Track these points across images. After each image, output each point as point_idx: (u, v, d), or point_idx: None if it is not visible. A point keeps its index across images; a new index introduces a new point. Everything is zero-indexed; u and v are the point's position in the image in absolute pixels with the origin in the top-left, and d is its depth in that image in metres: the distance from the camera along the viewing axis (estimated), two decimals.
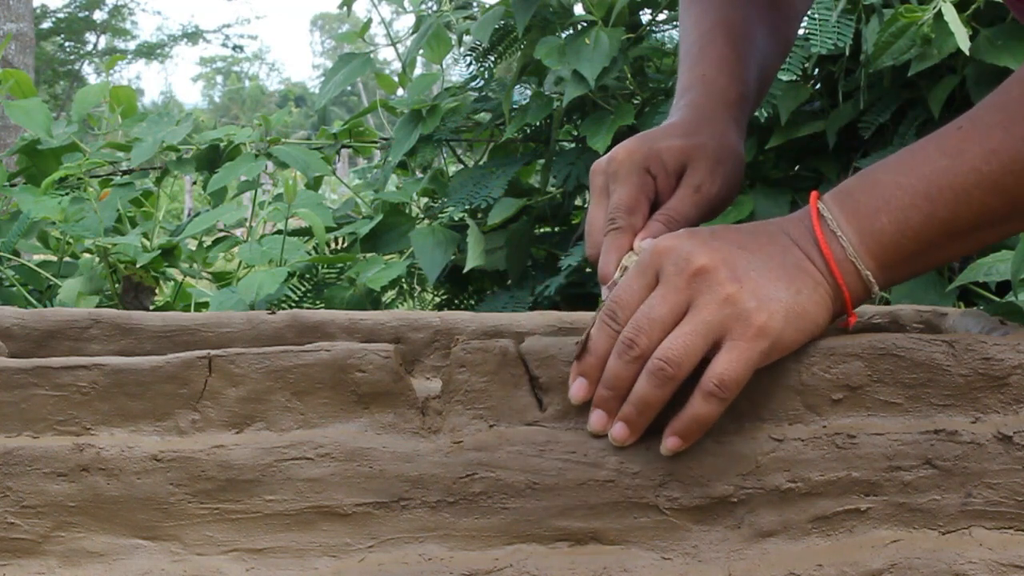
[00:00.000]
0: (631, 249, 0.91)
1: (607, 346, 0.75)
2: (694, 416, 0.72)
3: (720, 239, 0.76)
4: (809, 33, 1.87)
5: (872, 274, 0.77)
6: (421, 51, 2.37)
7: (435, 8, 2.41)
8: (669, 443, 0.73)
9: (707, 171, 0.96)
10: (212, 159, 2.45)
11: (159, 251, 2.19)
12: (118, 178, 2.52)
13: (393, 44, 2.49)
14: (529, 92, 2.30)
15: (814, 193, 0.79)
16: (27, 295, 2.25)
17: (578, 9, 2.18)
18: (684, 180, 0.96)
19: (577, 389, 0.75)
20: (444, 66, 2.45)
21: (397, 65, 2.49)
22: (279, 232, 2.13)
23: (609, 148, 2.00)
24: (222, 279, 2.32)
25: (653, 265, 0.75)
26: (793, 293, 0.74)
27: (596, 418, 0.75)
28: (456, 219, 2.18)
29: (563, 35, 2.11)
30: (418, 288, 2.48)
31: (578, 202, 2.32)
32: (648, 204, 0.94)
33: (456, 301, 2.35)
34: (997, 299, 1.71)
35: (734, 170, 0.99)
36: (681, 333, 0.73)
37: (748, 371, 0.72)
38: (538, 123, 2.27)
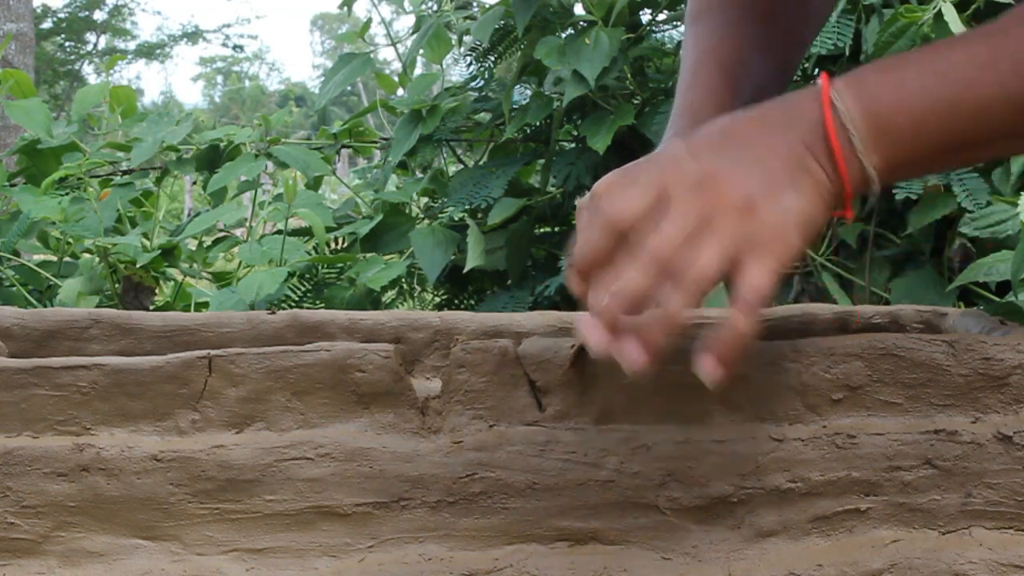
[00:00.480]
0: None
1: (603, 243, 0.70)
2: (732, 330, 0.69)
3: (719, 142, 0.73)
4: None
5: (876, 171, 0.74)
6: (421, 51, 2.37)
7: (435, 8, 2.41)
8: (708, 365, 0.68)
9: None
10: (212, 159, 2.45)
11: (159, 251, 2.19)
12: (118, 178, 2.52)
13: (393, 44, 2.49)
14: (529, 92, 2.30)
15: (824, 75, 0.75)
16: (27, 295, 2.25)
17: (578, 9, 2.18)
18: None
19: (595, 337, 0.69)
20: (444, 66, 2.45)
21: (397, 65, 2.49)
22: (279, 232, 2.14)
23: (609, 148, 2.01)
24: (222, 279, 2.32)
25: (657, 182, 0.71)
26: (800, 199, 0.72)
27: (595, 334, 0.69)
28: (456, 219, 2.18)
29: (563, 35, 2.11)
30: (418, 288, 2.48)
31: (578, 202, 2.32)
32: None
33: (456, 301, 2.35)
34: (997, 299, 1.71)
35: None
36: (707, 246, 0.69)
37: (772, 283, 0.70)
38: (538, 123, 2.27)
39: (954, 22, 1.65)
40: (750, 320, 0.69)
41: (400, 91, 2.53)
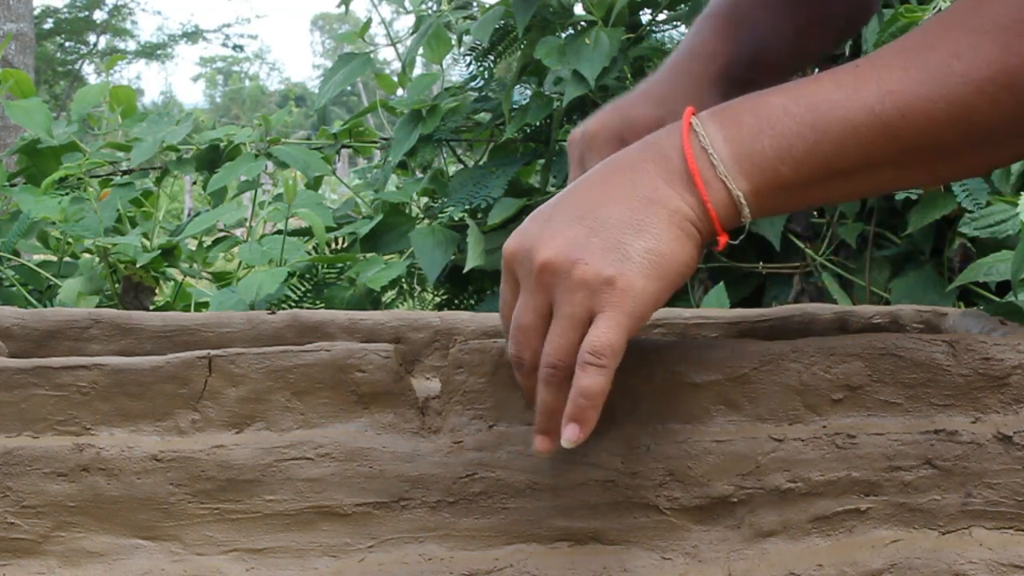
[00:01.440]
0: None
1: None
2: (579, 390, 0.70)
3: (560, 214, 0.73)
4: None
5: (744, 195, 0.73)
6: (421, 51, 2.37)
7: (435, 8, 2.41)
8: (567, 432, 0.70)
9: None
10: (212, 159, 2.45)
11: (159, 251, 2.19)
12: (118, 178, 2.52)
13: (393, 44, 2.49)
14: (529, 92, 2.30)
15: (689, 108, 0.75)
16: (27, 295, 2.25)
17: (578, 9, 2.18)
18: None
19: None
20: (444, 66, 2.45)
21: (397, 65, 2.49)
22: (279, 232, 2.13)
23: None
24: (222, 279, 2.32)
25: (509, 271, 0.74)
26: (647, 239, 0.71)
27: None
28: (456, 219, 2.18)
29: (563, 35, 2.11)
30: (418, 288, 2.48)
31: None
32: None
33: (456, 301, 2.35)
34: (997, 299, 1.71)
35: None
36: (553, 335, 0.71)
37: (620, 334, 0.70)
38: (538, 123, 2.27)
39: None
40: (591, 377, 0.69)
41: (400, 91, 2.53)
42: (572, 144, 0.98)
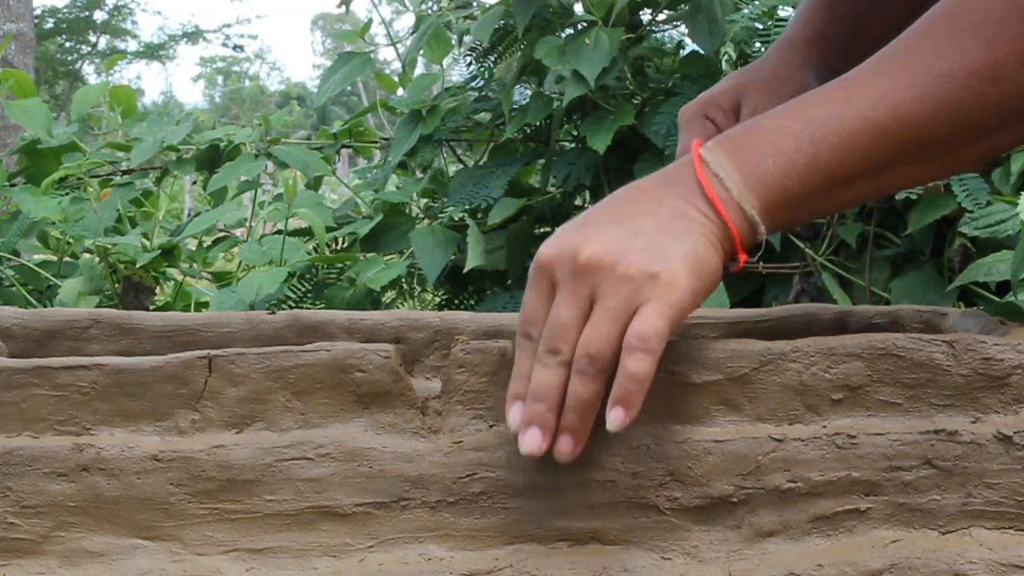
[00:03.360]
0: None
1: (531, 363, 0.74)
2: (625, 374, 0.71)
3: (595, 221, 0.76)
4: None
5: (758, 213, 0.77)
6: (421, 51, 2.37)
7: (435, 8, 2.41)
8: (612, 414, 0.71)
9: (760, 96, 1.03)
10: (212, 159, 2.45)
11: (159, 251, 2.19)
12: (118, 178, 2.52)
13: (393, 44, 2.49)
14: (529, 92, 2.30)
15: (696, 141, 0.80)
16: (27, 295, 2.25)
17: (578, 9, 2.18)
18: (742, 111, 1.03)
19: (516, 414, 0.73)
20: (444, 66, 2.45)
21: (397, 65, 2.49)
22: (279, 232, 2.13)
23: (609, 148, 2.01)
24: (222, 279, 2.32)
25: (544, 276, 0.75)
26: (684, 245, 0.74)
27: (530, 437, 0.72)
28: (456, 219, 2.18)
29: (563, 35, 2.10)
30: (418, 288, 2.48)
31: (578, 202, 2.32)
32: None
33: (456, 301, 2.35)
34: (997, 299, 1.71)
35: (793, 95, 1.03)
36: (594, 326, 0.72)
37: (665, 321, 0.71)
38: (538, 123, 2.27)
39: None
40: (638, 363, 0.71)
41: (400, 91, 2.53)
42: (685, 110, 1.05)
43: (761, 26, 1.95)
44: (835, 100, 0.78)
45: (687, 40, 2.17)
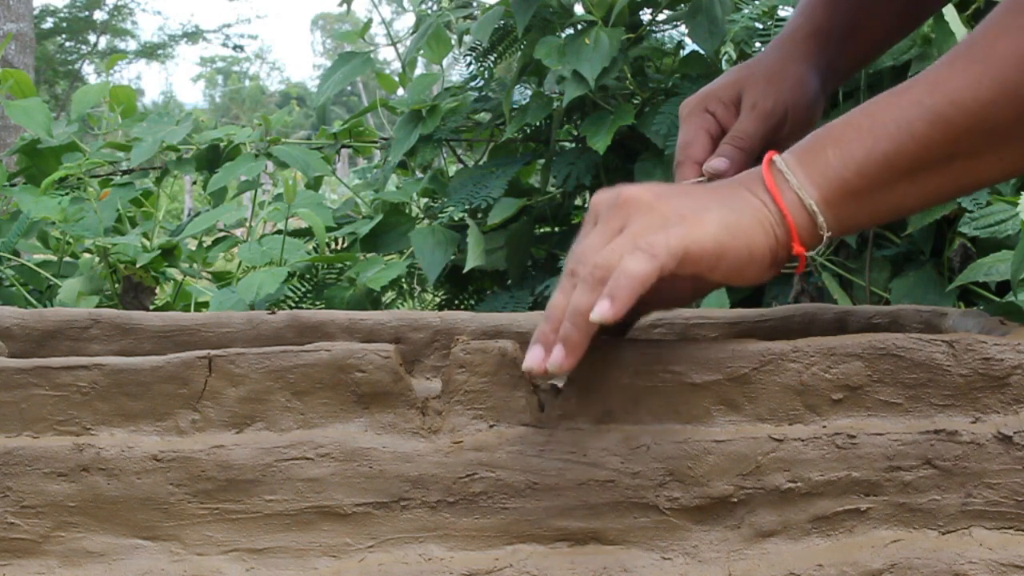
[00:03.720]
0: (702, 176, 1.00)
1: (564, 302, 0.74)
2: (620, 269, 0.71)
3: (653, 184, 0.79)
4: None
5: (816, 204, 0.77)
6: (421, 51, 2.37)
7: (435, 8, 2.41)
8: (599, 305, 0.71)
9: (759, 90, 1.04)
10: (212, 159, 2.45)
11: (159, 251, 2.18)
12: (118, 178, 2.52)
13: (393, 44, 2.49)
14: (529, 92, 2.30)
15: (770, 152, 0.81)
16: (27, 295, 2.25)
17: (578, 9, 2.18)
18: (742, 104, 1.04)
19: (531, 356, 0.73)
20: (444, 66, 2.45)
21: (397, 65, 2.49)
22: (279, 232, 2.13)
23: (609, 148, 2.01)
24: (222, 279, 2.32)
25: (592, 216, 0.77)
26: (728, 210, 0.75)
27: (533, 354, 0.72)
28: (456, 219, 2.18)
29: (563, 35, 2.10)
30: (418, 288, 2.48)
31: (578, 202, 2.32)
32: (708, 137, 1.03)
33: (456, 301, 2.35)
34: (997, 299, 1.70)
35: (792, 89, 1.05)
36: (610, 246, 0.73)
37: (678, 242, 0.72)
38: (538, 123, 2.26)
39: (954, 22, 1.65)
40: (636, 262, 0.71)
41: (400, 91, 2.53)
42: (685, 104, 1.07)
43: (761, 26, 1.95)
44: (895, 93, 0.78)
45: (687, 40, 2.17)
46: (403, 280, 2.37)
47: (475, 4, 2.43)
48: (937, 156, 0.77)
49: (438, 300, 2.46)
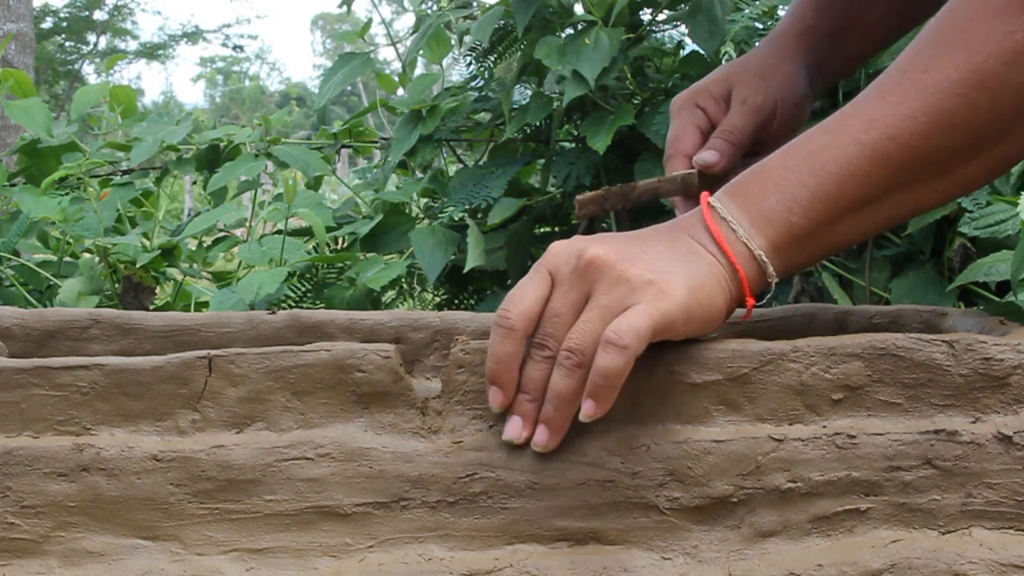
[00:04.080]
0: (691, 168, 1.01)
1: (504, 348, 0.74)
2: (594, 368, 0.71)
3: (611, 237, 0.77)
4: None
5: (765, 254, 0.77)
6: (421, 51, 2.37)
7: (435, 8, 2.41)
8: (584, 406, 0.72)
9: (749, 86, 1.05)
10: (212, 159, 2.44)
11: (159, 251, 2.18)
12: (118, 178, 2.52)
13: (393, 44, 2.49)
14: (529, 92, 2.30)
15: (705, 192, 0.81)
16: (27, 295, 2.25)
17: (578, 9, 2.18)
18: (732, 100, 1.05)
19: (494, 396, 0.74)
20: (444, 66, 2.45)
21: (397, 65, 2.49)
22: (279, 232, 2.13)
23: (609, 148, 2.01)
24: (222, 279, 2.32)
25: (546, 266, 0.76)
26: (689, 269, 0.75)
27: (512, 425, 0.74)
28: (456, 219, 2.18)
29: (563, 35, 2.10)
30: (418, 288, 2.48)
31: None
32: (698, 131, 1.04)
33: (456, 301, 2.35)
34: (997, 299, 1.70)
35: (782, 85, 1.06)
36: (581, 322, 0.73)
37: (647, 323, 0.71)
38: (538, 123, 2.26)
39: None
40: (610, 357, 0.71)
41: (400, 91, 2.53)
42: (677, 99, 1.08)
43: (761, 26, 1.95)
44: (829, 130, 0.79)
45: (687, 40, 2.17)
46: (403, 280, 2.37)
47: (475, 4, 2.43)
48: (880, 191, 0.78)
49: (438, 300, 2.46)
